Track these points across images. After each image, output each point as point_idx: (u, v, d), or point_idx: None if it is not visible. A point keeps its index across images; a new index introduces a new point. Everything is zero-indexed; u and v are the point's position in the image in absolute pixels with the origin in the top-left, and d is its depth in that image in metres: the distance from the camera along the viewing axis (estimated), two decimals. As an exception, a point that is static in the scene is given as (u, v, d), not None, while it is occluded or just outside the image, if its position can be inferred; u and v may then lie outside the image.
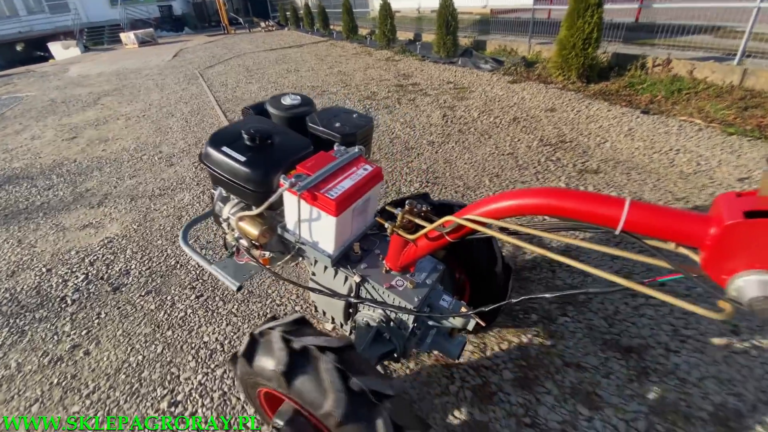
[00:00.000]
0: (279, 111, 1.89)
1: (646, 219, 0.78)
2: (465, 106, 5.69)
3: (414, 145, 4.68)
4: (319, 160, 1.49)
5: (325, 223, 1.42)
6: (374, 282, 1.49)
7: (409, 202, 1.28)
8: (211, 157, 1.61)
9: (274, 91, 7.85)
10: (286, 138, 1.67)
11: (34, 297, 2.98)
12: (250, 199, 1.64)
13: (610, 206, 0.81)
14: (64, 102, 8.75)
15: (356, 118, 1.87)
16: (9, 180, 5.06)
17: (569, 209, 0.85)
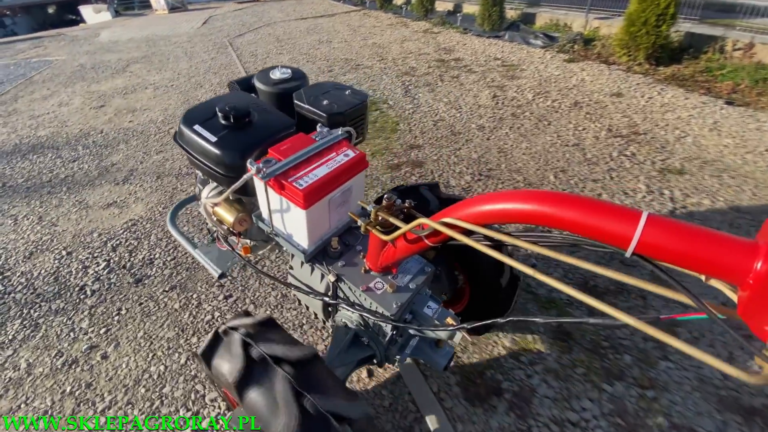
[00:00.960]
0: (266, 86, 1.70)
1: (668, 241, 0.59)
2: (517, 86, 5.11)
3: (461, 129, 4.18)
4: (295, 143, 1.32)
5: (296, 216, 1.27)
6: (350, 283, 1.32)
7: (388, 196, 1.13)
8: (184, 135, 1.47)
9: (305, 64, 7.37)
10: (266, 117, 1.50)
11: (52, 284, 2.72)
12: (222, 183, 1.49)
13: (620, 221, 0.63)
14: (94, 68, 8.50)
15: (348, 96, 1.67)
16: (34, 149, 4.84)
17: (568, 221, 0.68)
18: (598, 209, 0.66)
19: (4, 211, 3.64)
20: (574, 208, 0.68)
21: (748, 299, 0.55)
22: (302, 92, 1.66)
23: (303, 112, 1.64)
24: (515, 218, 0.77)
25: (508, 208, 0.76)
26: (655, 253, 0.61)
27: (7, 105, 6.61)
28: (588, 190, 3.07)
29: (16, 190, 3.98)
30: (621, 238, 0.63)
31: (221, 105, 1.46)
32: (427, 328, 1.29)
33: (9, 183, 4.12)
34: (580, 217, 0.67)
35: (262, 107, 1.57)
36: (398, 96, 5.20)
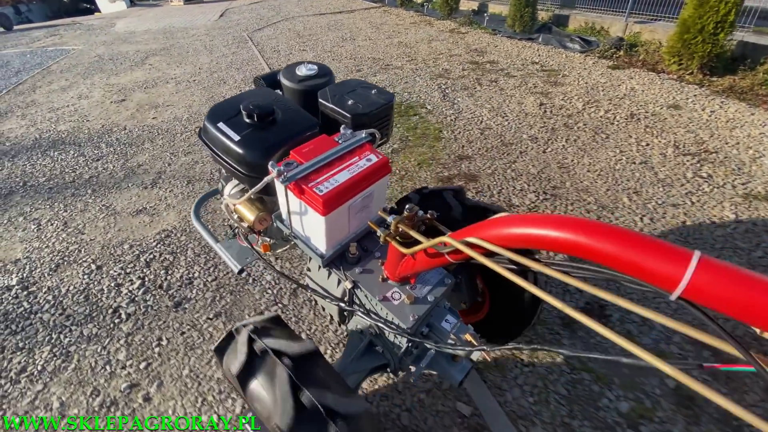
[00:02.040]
0: (292, 83, 1.65)
1: (721, 287, 0.51)
2: (562, 94, 4.78)
3: (512, 139, 3.87)
4: (317, 145, 1.28)
5: (315, 221, 1.23)
6: (367, 291, 1.26)
7: (409, 207, 1.05)
8: (208, 132, 1.44)
9: (331, 62, 7.04)
10: (290, 116, 1.46)
11: (82, 304, 2.44)
12: (244, 182, 1.47)
13: (669, 260, 0.55)
14: (112, 59, 8.20)
15: (374, 95, 1.59)
16: (54, 145, 4.56)
17: (606, 254, 0.60)
18: (642, 244, 0.58)
19: (27, 214, 3.36)
20: (615, 241, 0.60)
21: None
22: (327, 90, 1.59)
23: (327, 111, 1.57)
24: (547, 245, 0.69)
25: (540, 234, 0.69)
26: (704, 299, 0.54)
27: (25, 96, 6.32)
28: (670, 216, 2.76)
29: (38, 191, 3.70)
30: (667, 279, 0.56)
31: (245, 103, 1.43)
32: (444, 346, 1.22)
33: (30, 182, 3.84)
34: (621, 252, 0.60)
35: (286, 105, 1.52)
36: (436, 100, 4.89)
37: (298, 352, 1.06)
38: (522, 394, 1.80)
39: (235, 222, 1.64)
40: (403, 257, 1.16)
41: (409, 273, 1.18)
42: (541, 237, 0.69)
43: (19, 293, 2.56)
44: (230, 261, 1.67)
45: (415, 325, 1.19)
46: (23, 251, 2.94)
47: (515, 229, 0.74)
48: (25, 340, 2.23)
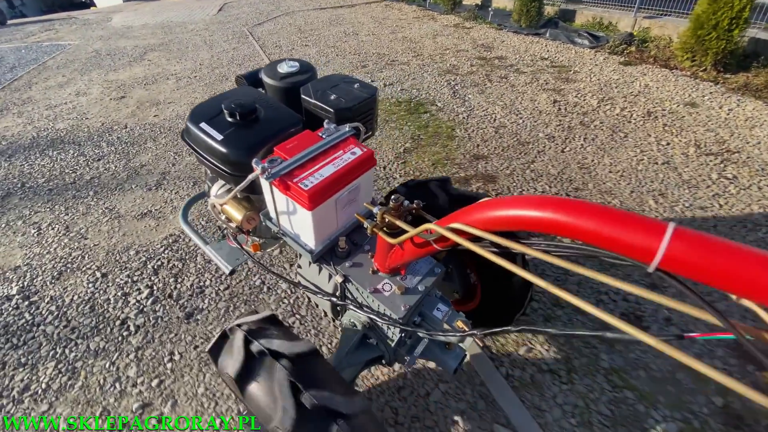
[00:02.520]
0: (273, 80, 1.64)
1: (696, 255, 0.52)
2: (575, 91, 4.65)
3: (528, 138, 3.74)
4: (301, 141, 1.28)
5: (302, 216, 1.23)
6: (358, 284, 1.27)
7: (395, 197, 1.04)
8: (191, 133, 1.44)
9: (335, 58, 6.87)
10: (273, 113, 1.47)
11: (88, 315, 2.30)
12: (230, 182, 1.46)
13: (644, 232, 0.56)
14: (109, 54, 7.97)
15: (357, 89, 1.59)
16: (53, 144, 4.38)
17: (585, 231, 0.61)
18: (619, 219, 0.60)
19: (26, 218, 3.20)
20: (592, 217, 0.62)
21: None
22: (309, 86, 1.59)
23: (310, 107, 1.56)
24: (528, 225, 0.70)
25: (520, 214, 0.70)
26: (681, 269, 0.55)
27: (21, 92, 6.12)
28: (700, 220, 2.65)
29: (37, 192, 3.54)
30: (644, 251, 0.57)
31: (227, 102, 1.41)
32: (435, 334, 1.22)
33: (29, 183, 3.68)
34: (599, 227, 0.61)
35: (268, 103, 1.51)
36: (446, 97, 4.74)
37: (296, 352, 1.04)
38: (563, 415, 1.68)
39: (223, 223, 1.63)
40: (391, 248, 1.16)
41: (398, 264, 1.18)
42: (523, 218, 0.69)
43: (20, 303, 2.42)
44: (221, 263, 1.66)
45: (406, 315, 1.19)
46: (23, 258, 2.79)
47: (498, 212, 0.74)
48: (28, 355, 2.10)
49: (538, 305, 2.16)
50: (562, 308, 2.12)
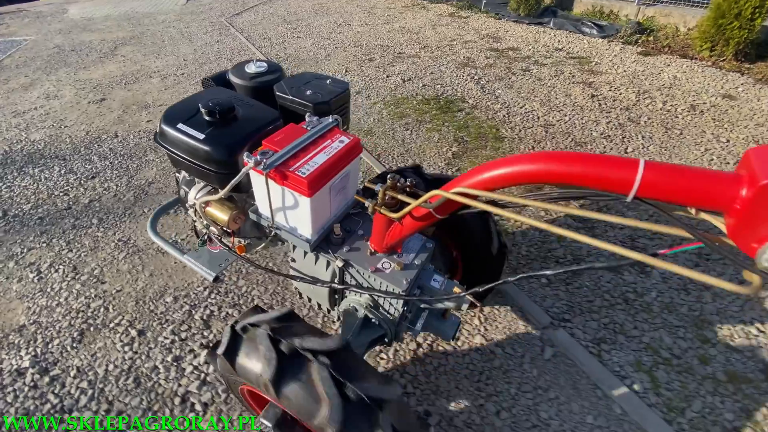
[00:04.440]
0: (243, 80, 1.65)
1: (664, 181, 0.63)
2: (606, 84, 4.39)
3: (584, 138, 3.43)
4: (288, 133, 1.28)
5: (299, 205, 1.23)
6: (358, 266, 1.29)
7: (392, 176, 1.08)
8: (167, 136, 1.40)
9: (335, 51, 6.29)
10: (250, 110, 1.46)
11: (134, 393, 1.79)
12: (214, 182, 1.42)
13: (622, 168, 0.66)
14: (75, 50, 6.97)
15: (330, 84, 1.62)
16: (31, 159, 3.64)
17: (574, 175, 0.70)
18: (599, 161, 0.68)
19: (18, 258, 2.56)
20: (577, 163, 0.70)
21: (737, 222, 0.60)
22: (283, 84, 1.60)
23: (286, 103, 1.57)
24: (524, 179, 0.76)
25: (516, 170, 0.76)
26: (653, 194, 0.65)
27: (-24, 97, 5.16)
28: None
29: (24, 223, 2.86)
30: (624, 184, 0.66)
31: (204, 101, 1.38)
32: (438, 299, 1.30)
33: (12, 211, 2.98)
34: (584, 170, 0.69)
35: (244, 101, 1.50)
36: (475, 93, 4.35)
37: (332, 347, 1.04)
38: None
39: (204, 227, 1.59)
40: (389, 226, 1.20)
41: (395, 240, 1.21)
42: (520, 172, 0.76)
43: (38, 380, 1.86)
44: (202, 270, 1.60)
45: (408, 288, 1.24)
46: (27, 313, 2.19)
47: (496, 171, 0.80)
48: (67, 459, 1.57)
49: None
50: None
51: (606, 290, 2.16)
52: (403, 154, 3.44)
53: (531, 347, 1.89)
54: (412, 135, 3.70)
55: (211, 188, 1.53)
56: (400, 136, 3.70)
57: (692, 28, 5.60)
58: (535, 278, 2.20)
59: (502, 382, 1.76)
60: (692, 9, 5.98)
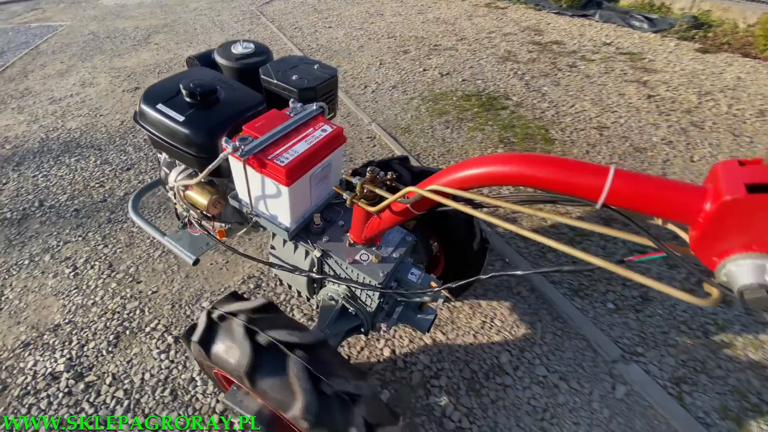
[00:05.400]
0: (228, 61, 1.56)
1: (633, 190, 0.64)
2: (663, 83, 4.04)
3: (643, 143, 3.14)
4: (269, 119, 1.24)
5: (278, 193, 1.20)
6: (336, 257, 1.29)
7: (371, 169, 1.09)
8: (146, 116, 1.35)
9: (368, 41, 6.07)
10: (233, 93, 1.40)
11: (170, 405, 1.68)
12: (193, 165, 1.38)
13: (591, 175, 0.66)
14: (109, 37, 6.96)
15: (317, 70, 1.55)
16: (68, 148, 3.59)
17: (544, 179, 0.71)
18: (571, 167, 0.68)
19: (54, 251, 2.50)
20: (549, 167, 0.69)
21: (699, 235, 0.60)
22: (269, 67, 1.54)
23: (271, 87, 1.51)
24: (497, 180, 0.77)
25: (490, 171, 0.77)
26: (621, 203, 0.65)
27: (16, 82, 5.18)
28: None
29: (61, 214, 2.80)
30: (592, 190, 0.66)
31: (186, 82, 1.32)
32: (413, 293, 1.29)
33: (48, 201, 2.93)
34: (554, 175, 0.69)
35: (227, 83, 1.44)
36: (519, 90, 4.08)
37: (310, 342, 1.04)
38: None
39: (184, 210, 1.56)
40: (368, 219, 1.19)
41: (374, 233, 1.20)
42: (492, 173, 0.76)
43: (73, 386, 1.77)
44: (183, 253, 1.58)
45: (385, 280, 1.23)
46: (62, 312, 2.12)
47: (470, 171, 0.80)
48: (103, 478, 1.47)
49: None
50: None
51: (682, 320, 1.92)
52: (444, 154, 3.23)
53: (599, 383, 1.69)
54: (453, 134, 3.48)
55: (192, 171, 1.47)
56: (440, 135, 3.48)
57: (753, 24, 5.13)
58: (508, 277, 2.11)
59: (569, 422, 1.58)
60: (753, 4, 5.48)
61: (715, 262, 0.60)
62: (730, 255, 0.58)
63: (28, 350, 1.94)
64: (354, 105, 4.06)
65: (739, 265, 0.57)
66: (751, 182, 0.54)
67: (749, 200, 0.53)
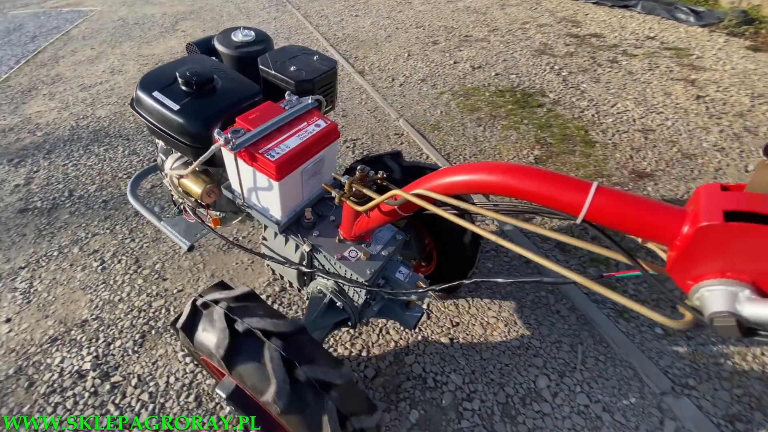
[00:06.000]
0: (228, 49, 1.54)
1: (613, 208, 0.65)
2: (713, 83, 3.75)
3: (692, 149, 2.92)
4: (264, 112, 1.24)
5: (269, 187, 1.21)
6: (325, 252, 1.30)
7: (361, 167, 1.09)
8: (143, 103, 1.35)
9: (395, 31, 5.88)
10: (230, 83, 1.38)
11: (195, 412, 1.63)
12: (188, 154, 1.38)
13: (573, 191, 0.67)
14: (138, 24, 6.97)
15: (317, 62, 1.52)
16: (97, 137, 3.59)
17: (528, 191, 0.72)
18: (554, 180, 0.68)
19: (83, 243, 2.49)
20: (533, 180, 0.70)
21: (675, 258, 0.60)
22: (268, 57, 1.49)
23: (269, 78, 1.47)
24: (481, 189, 0.78)
25: (474, 179, 0.77)
26: (601, 219, 0.65)
27: (48, 68, 5.24)
28: None
29: (89, 205, 2.80)
30: (573, 205, 0.67)
31: (182, 70, 1.31)
32: (398, 293, 1.29)
33: (78, 191, 2.94)
34: (538, 188, 0.70)
35: (225, 73, 1.41)
36: (557, 86, 3.85)
37: (286, 330, 1.06)
38: None
39: (180, 197, 1.55)
40: (357, 216, 1.19)
41: (363, 231, 1.21)
42: (477, 182, 0.77)
43: (99, 386, 1.75)
44: (178, 239, 1.59)
45: (372, 278, 1.24)
46: (89, 306, 2.11)
47: (455, 178, 0.81)
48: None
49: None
50: None
51: (737, 350, 1.76)
52: (476, 155, 3.08)
53: (647, 417, 1.56)
54: (486, 132, 3.31)
55: (187, 159, 1.47)
56: (472, 133, 3.32)
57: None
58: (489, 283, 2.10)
59: (613, 459, 1.46)
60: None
61: (690, 285, 0.61)
62: (704, 280, 0.59)
63: (56, 346, 1.93)
64: (381, 99, 3.92)
65: (712, 291, 0.57)
66: (729, 209, 0.54)
67: (726, 228, 0.53)
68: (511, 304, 1.98)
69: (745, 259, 0.55)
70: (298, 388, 0.99)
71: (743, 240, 0.54)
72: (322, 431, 1.00)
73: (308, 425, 0.99)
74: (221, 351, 1.03)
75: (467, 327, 1.89)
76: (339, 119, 3.67)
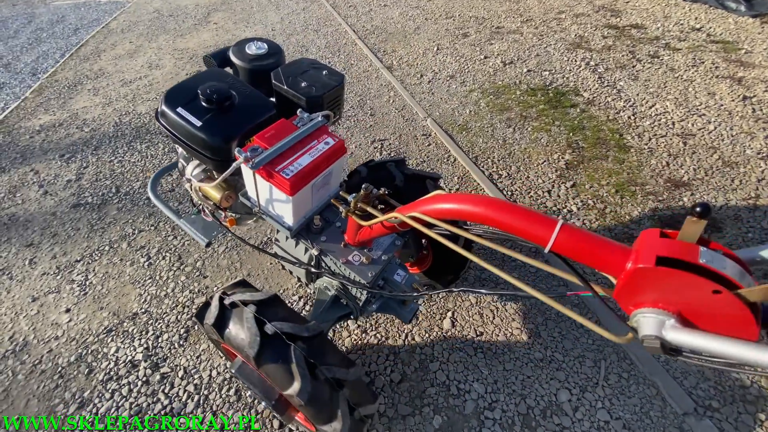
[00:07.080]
0: (242, 62, 1.67)
1: (573, 244, 0.78)
2: (761, 82, 3.54)
3: (735, 157, 2.80)
4: (279, 130, 1.36)
5: (282, 200, 1.34)
6: (332, 255, 1.44)
7: (365, 186, 1.23)
8: (168, 117, 1.47)
9: (424, 22, 5.79)
10: (246, 99, 1.51)
11: (235, 406, 1.79)
12: (208, 165, 1.55)
13: (542, 226, 0.81)
14: (172, 15, 7.15)
15: (326, 77, 1.63)
16: (138, 134, 3.79)
17: (505, 223, 0.86)
18: (528, 216, 0.83)
19: (130, 239, 2.69)
20: (511, 214, 0.85)
21: (620, 287, 0.74)
22: (280, 72, 1.61)
23: (282, 92, 1.59)
24: (466, 217, 0.93)
25: (462, 208, 0.93)
26: (563, 251, 0.80)
27: (91, 62, 5.50)
28: None
29: (135, 202, 3.00)
30: (542, 238, 0.81)
31: (203, 87, 1.43)
32: (396, 295, 1.44)
33: (124, 188, 3.14)
34: (514, 222, 0.84)
35: (241, 89, 1.53)
36: (591, 84, 3.74)
37: (309, 334, 1.20)
38: None
39: (199, 200, 1.67)
40: (360, 227, 1.31)
41: (366, 239, 1.37)
42: (463, 211, 0.93)
43: (150, 376, 1.94)
44: (196, 235, 1.72)
45: (372, 280, 1.39)
46: (139, 300, 2.30)
47: (446, 205, 0.96)
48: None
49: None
50: None
51: (765, 375, 1.75)
52: (505, 158, 3.07)
53: (669, 436, 1.59)
54: (515, 134, 3.28)
55: (206, 168, 1.63)
56: (501, 135, 3.30)
57: None
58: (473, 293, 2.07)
59: (632, 476, 1.51)
60: None
61: (631, 309, 0.74)
62: (641, 307, 0.72)
63: (111, 336, 2.13)
64: (409, 97, 3.93)
65: (646, 317, 0.71)
66: (661, 255, 0.67)
67: (656, 270, 0.67)
68: (536, 317, 2.02)
69: (672, 294, 0.68)
70: (318, 385, 1.15)
71: (669, 281, 0.66)
72: (335, 419, 1.21)
73: (324, 414, 1.20)
74: (253, 351, 1.17)
75: (491, 337, 1.95)
76: (367, 118, 3.71)
